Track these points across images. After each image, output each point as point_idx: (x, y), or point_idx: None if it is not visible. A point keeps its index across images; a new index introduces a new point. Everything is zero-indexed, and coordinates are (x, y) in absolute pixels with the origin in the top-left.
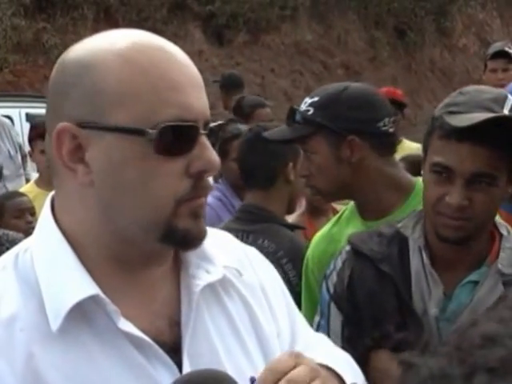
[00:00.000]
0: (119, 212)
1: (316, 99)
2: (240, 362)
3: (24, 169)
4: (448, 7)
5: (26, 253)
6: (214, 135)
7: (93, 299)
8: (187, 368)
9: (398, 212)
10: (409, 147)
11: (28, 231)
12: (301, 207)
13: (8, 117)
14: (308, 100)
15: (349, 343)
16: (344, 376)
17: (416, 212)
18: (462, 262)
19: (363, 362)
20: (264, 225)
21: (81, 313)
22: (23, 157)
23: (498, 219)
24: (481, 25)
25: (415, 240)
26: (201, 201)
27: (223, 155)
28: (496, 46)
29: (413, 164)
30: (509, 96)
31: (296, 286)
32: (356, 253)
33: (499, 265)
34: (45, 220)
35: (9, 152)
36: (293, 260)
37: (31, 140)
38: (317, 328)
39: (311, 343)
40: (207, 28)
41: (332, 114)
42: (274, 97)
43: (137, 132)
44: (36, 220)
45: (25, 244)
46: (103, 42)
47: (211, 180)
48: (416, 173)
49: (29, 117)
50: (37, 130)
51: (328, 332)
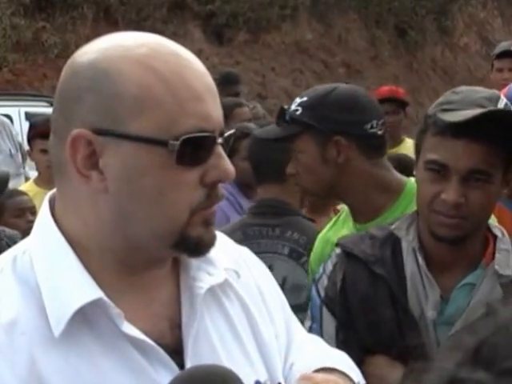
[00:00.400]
0: (134, 220)
1: (305, 99)
2: (241, 366)
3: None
4: (449, 6)
5: (25, 255)
6: (226, 144)
7: (96, 303)
8: None
9: (388, 214)
10: (411, 145)
11: (28, 230)
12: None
13: (7, 116)
14: (297, 100)
15: (344, 348)
16: (352, 376)
17: (409, 214)
18: (458, 264)
19: (359, 367)
20: (288, 217)
21: (83, 316)
22: (23, 155)
23: (491, 221)
24: (482, 24)
25: (409, 242)
26: (213, 209)
27: (232, 154)
28: (502, 46)
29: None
30: (502, 96)
31: None
32: (348, 255)
33: (496, 266)
34: (44, 221)
35: (10, 151)
36: None
37: (30, 139)
38: (309, 332)
39: (305, 343)
40: (207, 27)
41: (319, 115)
42: (275, 95)
43: (158, 142)
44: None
45: (22, 245)
46: (117, 47)
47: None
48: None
49: (28, 116)
50: (36, 129)
51: (321, 337)
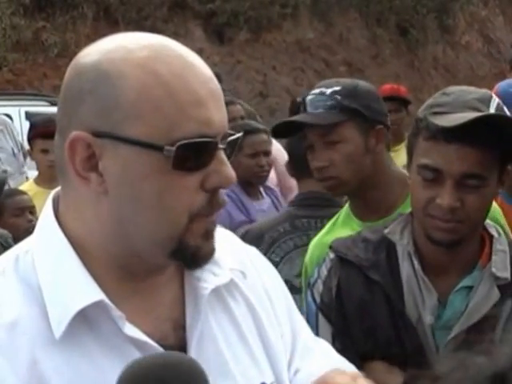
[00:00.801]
0: (132, 223)
1: (338, 88)
2: (247, 367)
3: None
4: (450, 4)
5: (27, 255)
6: (231, 148)
7: (97, 305)
8: None
9: (401, 210)
10: None
11: (28, 230)
12: None
13: (7, 115)
14: (326, 90)
15: (341, 355)
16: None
17: (403, 216)
18: (454, 267)
19: None
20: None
21: (84, 318)
22: (24, 155)
23: (488, 220)
24: (483, 22)
25: (404, 246)
26: (213, 218)
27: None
28: None
29: None
30: (494, 96)
31: None
32: (341, 260)
33: (493, 268)
34: (47, 221)
35: (12, 150)
36: None
37: (30, 139)
38: None
39: (312, 349)
40: (208, 26)
41: (364, 103)
42: (276, 94)
43: (155, 147)
44: (36, 219)
45: (25, 245)
46: (120, 49)
47: None
48: None
49: (28, 115)
50: (36, 129)
51: None
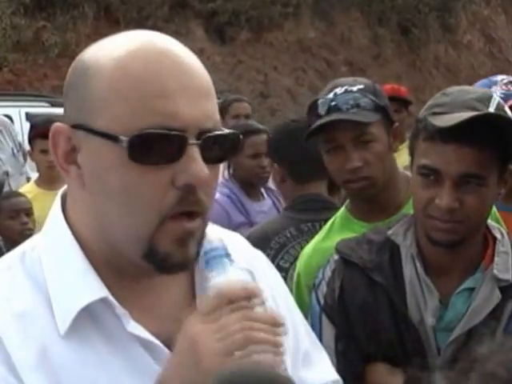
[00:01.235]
0: (106, 219)
1: (362, 87)
2: None
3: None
4: (452, 3)
5: (34, 251)
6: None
7: (102, 302)
8: None
9: (405, 210)
10: None
11: (22, 232)
12: None
13: (8, 116)
14: (351, 87)
15: (343, 357)
16: None
17: (406, 218)
18: (456, 268)
19: (359, 376)
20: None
21: (89, 315)
22: (24, 155)
23: (491, 222)
24: (485, 21)
25: (407, 247)
26: (188, 226)
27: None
28: None
29: None
30: (494, 95)
31: None
32: (345, 261)
33: (495, 270)
34: (55, 219)
35: (12, 150)
36: None
37: (31, 139)
38: None
39: (311, 353)
40: (209, 26)
41: (386, 100)
42: (278, 94)
43: (112, 138)
44: (33, 221)
45: (32, 242)
46: (109, 46)
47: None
48: None
49: (28, 116)
50: (36, 130)
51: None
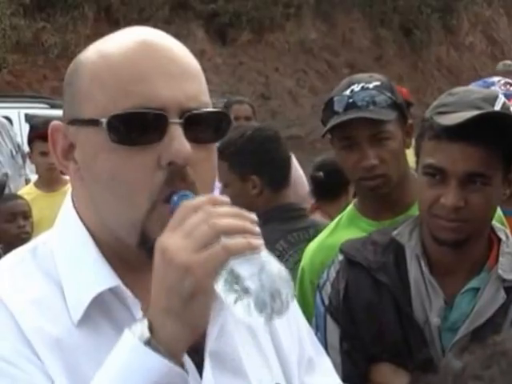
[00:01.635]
0: (102, 207)
1: (379, 83)
2: (259, 369)
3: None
4: (454, 5)
5: (46, 245)
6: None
7: (113, 291)
8: (208, 368)
9: (412, 211)
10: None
11: (19, 236)
12: None
13: (7, 117)
14: (368, 84)
15: (348, 357)
16: None
17: (412, 219)
18: (461, 268)
19: (364, 376)
20: (309, 219)
21: (101, 304)
22: (22, 157)
23: (496, 223)
24: (487, 22)
25: (412, 247)
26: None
27: None
28: None
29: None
30: (500, 95)
31: None
32: (350, 262)
33: (499, 270)
34: (66, 213)
35: (11, 152)
36: None
37: (30, 141)
38: None
39: (316, 361)
40: (210, 27)
41: (400, 98)
42: (279, 96)
43: (94, 123)
44: (31, 223)
45: (44, 237)
46: (99, 42)
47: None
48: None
49: (28, 117)
50: (36, 132)
51: (325, 346)
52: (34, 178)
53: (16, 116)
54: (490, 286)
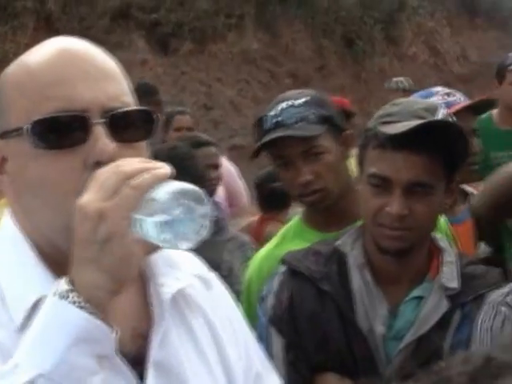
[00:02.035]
0: (37, 215)
1: (308, 99)
2: (205, 381)
3: None
4: (397, 16)
5: None
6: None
7: None
8: (151, 379)
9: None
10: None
11: None
12: None
13: None
14: (296, 101)
15: (293, 367)
16: None
17: (354, 229)
18: (405, 277)
19: None
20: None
21: None
22: None
23: (435, 233)
24: (430, 33)
25: (355, 257)
26: None
27: None
28: None
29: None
30: (441, 106)
31: None
32: (293, 273)
33: (442, 279)
34: (4, 224)
35: None
36: None
37: None
38: None
39: (263, 374)
40: (152, 37)
41: (333, 110)
42: (221, 106)
43: (17, 131)
44: None
45: None
46: (26, 53)
47: None
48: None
49: None
50: None
51: (268, 357)
52: None
53: None
54: (434, 295)
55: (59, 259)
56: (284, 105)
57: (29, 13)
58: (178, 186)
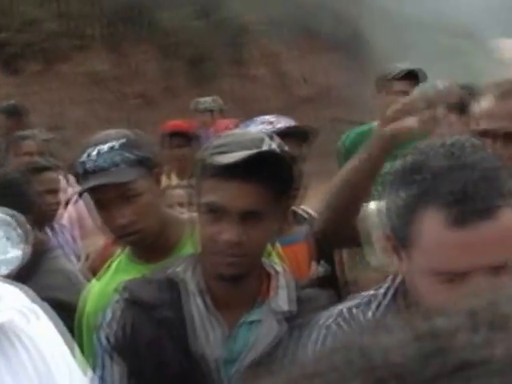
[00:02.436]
0: None
1: (124, 141)
2: None
3: None
4: (242, 37)
5: None
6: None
7: None
8: None
9: (186, 249)
10: None
11: None
12: None
13: None
14: (112, 144)
15: None
16: None
17: (187, 256)
18: (240, 302)
19: None
20: None
21: None
22: None
23: (266, 260)
24: (276, 56)
25: (188, 283)
26: None
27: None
28: (402, 67)
29: None
30: (265, 137)
31: None
32: (127, 301)
33: (272, 303)
34: None
35: None
36: None
37: None
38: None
39: None
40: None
41: (149, 149)
42: (70, 127)
43: None
44: None
45: None
46: None
47: None
48: None
49: None
50: None
51: None
52: None
53: None
54: (267, 318)
55: None
56: (93, 151)
57: None
58: None
